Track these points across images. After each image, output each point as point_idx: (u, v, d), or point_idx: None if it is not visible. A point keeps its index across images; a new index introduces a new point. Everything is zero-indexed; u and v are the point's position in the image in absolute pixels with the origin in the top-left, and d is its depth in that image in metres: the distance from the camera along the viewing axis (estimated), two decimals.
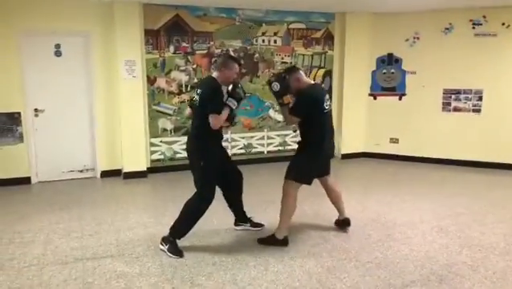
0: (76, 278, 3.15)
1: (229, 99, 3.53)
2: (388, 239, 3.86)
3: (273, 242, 3.67)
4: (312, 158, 3.67)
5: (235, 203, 4.02)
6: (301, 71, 3.76)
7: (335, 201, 4.06)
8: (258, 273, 3.22)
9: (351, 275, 3.19)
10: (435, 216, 4.47)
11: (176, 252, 3.51)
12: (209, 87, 3.53)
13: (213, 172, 3.57)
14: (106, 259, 3.45)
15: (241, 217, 4.08)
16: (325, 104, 3.61)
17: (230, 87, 3.59)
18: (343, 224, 4.06)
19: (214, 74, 3.62)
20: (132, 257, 3.50)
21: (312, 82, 3.85)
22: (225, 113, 3.49)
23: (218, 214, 4.32)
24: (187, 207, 3.57)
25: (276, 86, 3.56)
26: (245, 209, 4.07)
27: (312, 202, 4.85)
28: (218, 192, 3.74)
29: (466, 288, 3.01)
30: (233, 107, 3.54)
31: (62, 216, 4.48)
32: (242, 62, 6.39)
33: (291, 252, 3.57)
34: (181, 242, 3.62)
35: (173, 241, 3.55)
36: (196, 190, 3.57)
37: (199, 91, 3.56)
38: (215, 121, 3.41)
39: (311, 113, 3.56)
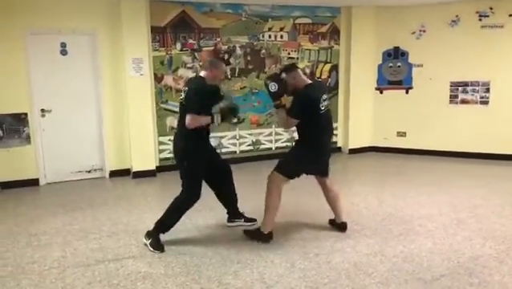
0: (101, 280, 3.10)
1: (217, 115, 3.55)
2: (409, 233, 3.84)
3: (258, 235, 3.66)
4: (308, 157, 3.60)
5: (228, 199, 4.03)
6: (299, 70, 3.69)
7: (333, 201, 3.91)
8: (285, 270, 3.19)
9: (378, 270, 3.16)
10: (453, 208, 4.46)
11: (158, 247, 3.55)
12: (195, 86, 3.55)
13: (197, 171, 3.60)
14: (128, 260, 3.40)
15: (234, 214, 4.08)
16: (321, 105, 3.50)
17: (224, 105, 3.62)
18: (339, 228, 3.91)
19: (202, 73, 3.65)
20: (154, 257, 3.44)
21: (309, 81, 3.70)
22: (205, 119, 3.49)
23: None
24: (174, 203, 3.62)
25: (274, 86, 3.48)
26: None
27: None
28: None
29: (497, 280, 2.99)
30: (215, 123, 3.57)
31: (75, 217, 4.41)
32: (249, 58, 6.48)
33: (315, 249, 3.54)
34: (205, 241, 3.63)
35: (157, 235, 3.61)
36: (182, 188, 3.62)
37: (186, 89, 3.54)
38: (191, 121, 3.41)
39: (308, 114, 3.48)
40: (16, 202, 4.93)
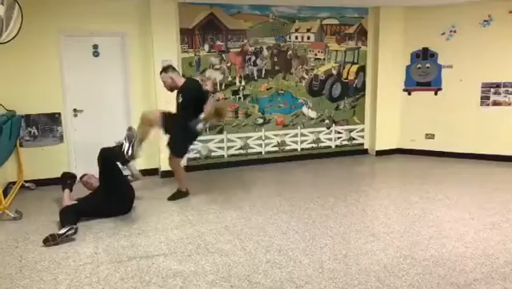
0: (133, 276, 3.16)
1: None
2: (439, 236, 3.78)
3: (179, 194, 5.02)
4: (187, 136, 4.84)
5: None
6: (175, 71, 4.96)
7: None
8: (314, 271, 3.18)
9: (409, 273, 3.12)
10: (484, 212, 4.36)
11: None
12: None
13: None
14: (159, 258, 3.46)
15: None
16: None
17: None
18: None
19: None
20: (184, 255, 3.49)
21: (184, 79, 5.01)
22: None
23: (265, 213, 4.31)
24: None
25: (201, 124, 4.76)
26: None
27: (357, 200, 4.81)
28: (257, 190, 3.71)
29: None
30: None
31: None
32: (276, 59, 6.51)
33: (344, 250, 3.52)
34: (233, 240, 3.63)
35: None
36: None
37: None
38: None
39: (195, 98, 4.71)
40: (50, 199, 5.09)
